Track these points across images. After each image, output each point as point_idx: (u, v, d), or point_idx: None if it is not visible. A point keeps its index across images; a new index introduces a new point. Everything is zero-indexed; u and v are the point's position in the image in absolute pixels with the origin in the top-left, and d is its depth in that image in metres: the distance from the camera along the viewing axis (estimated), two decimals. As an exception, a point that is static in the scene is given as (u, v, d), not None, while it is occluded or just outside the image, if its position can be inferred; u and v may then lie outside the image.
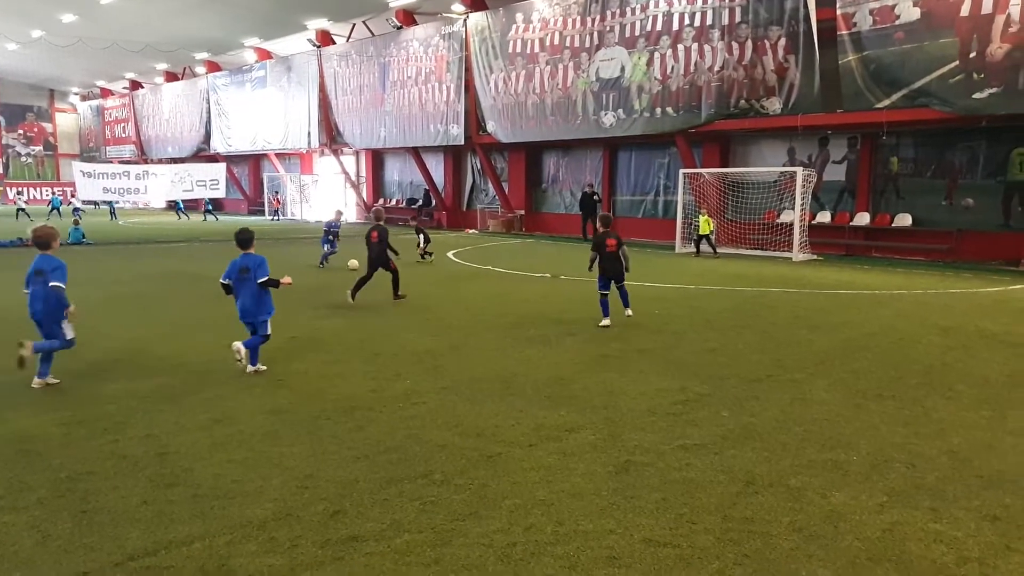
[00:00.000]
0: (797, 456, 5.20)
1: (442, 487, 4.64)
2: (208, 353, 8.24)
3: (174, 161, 46.08)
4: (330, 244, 17.60)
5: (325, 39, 36.19)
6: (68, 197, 44.85)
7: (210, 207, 40.38)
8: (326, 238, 17.67)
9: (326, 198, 40.21)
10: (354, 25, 34.53)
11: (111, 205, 38.23)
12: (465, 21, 28.93)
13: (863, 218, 20.93)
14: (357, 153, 39.26)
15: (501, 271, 16.82)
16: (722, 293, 13.35)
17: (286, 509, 4.32)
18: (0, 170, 58.63)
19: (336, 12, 33.32)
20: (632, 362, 8.00)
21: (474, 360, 8.12)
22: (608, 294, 10.08)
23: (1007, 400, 6.64)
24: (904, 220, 20.17)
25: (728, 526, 4.11)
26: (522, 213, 30.16)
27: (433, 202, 34.41)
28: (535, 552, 3.82)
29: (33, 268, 6.85)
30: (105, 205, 39.76)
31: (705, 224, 20.79)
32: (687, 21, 22.11)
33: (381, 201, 37.19)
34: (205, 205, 40.33)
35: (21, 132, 60.64)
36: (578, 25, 25.32)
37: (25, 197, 48.88)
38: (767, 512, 4.29)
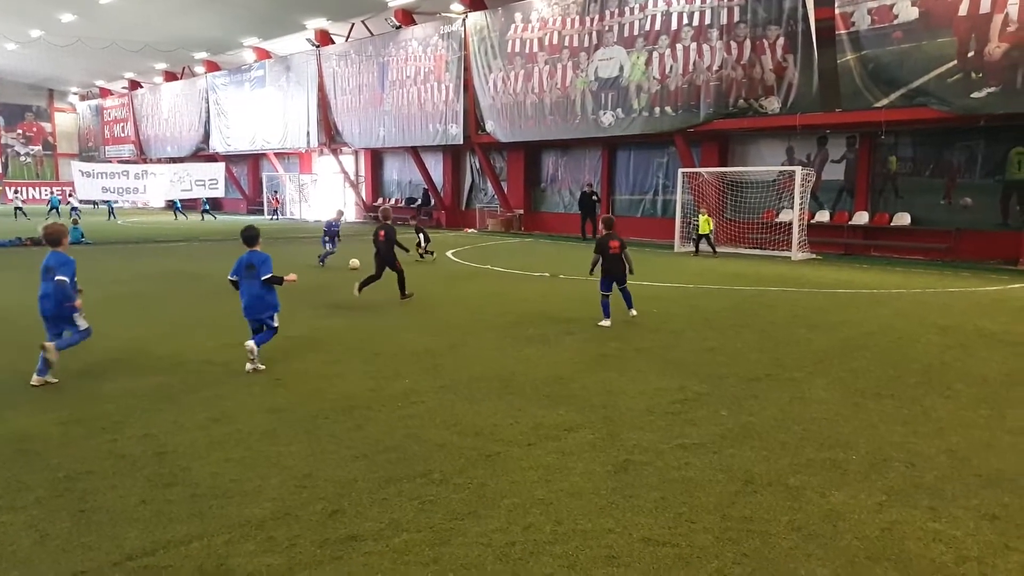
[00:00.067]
0: (796, 455, 5.19)
1: (441, 486, 4.64)
2: (207, 352, 8.23)
3: (173, 161, 46.13)
4: (330, 243, 17.56)
5: (324, 39, 36.19)
6: (67, 197, 44.83)
7: (207, 207, 40.36)
8: (326, 237, 17.65)
9: (325, 198, 40.20)
10: (353, 25, 34.53)
11: (109, 204, 38.22)
12: (464, 21, 28.93)
13: (862, 217, 20.94)
14: (356, 153, 39.26)
15: (500, 270, 16.81)
16: (721, 292, 13.36)
17: (284, 508, 4.31)
18: (-1, 170, 58.74)
19: (335, 12, 33.32)
20: (631, 361, 8.00)
21: (473, 359, 8.12)
22: (610, 295, 10.09)
23: (1006, 399, 6.64)
24: (903, 219, 20.18)
25: (727, 525, 4.11)
26: (521, 212, 30.16)
27: (432, 201, 34.41)
28: (534, 551, 3.82)
29: (44, 265, 6.91)
30: (104, 205, 39.75)
31: (704, 223, 20.79)
32: (686, 21, 22.12)
33: (382, 201, 37.19)
34: (203, 205, 40.32)
35: (20, 132, 60.62)
36: (577, 25, 25.33)
37: (23, 196, 48.85)
38: (766, 511, 4.29)
